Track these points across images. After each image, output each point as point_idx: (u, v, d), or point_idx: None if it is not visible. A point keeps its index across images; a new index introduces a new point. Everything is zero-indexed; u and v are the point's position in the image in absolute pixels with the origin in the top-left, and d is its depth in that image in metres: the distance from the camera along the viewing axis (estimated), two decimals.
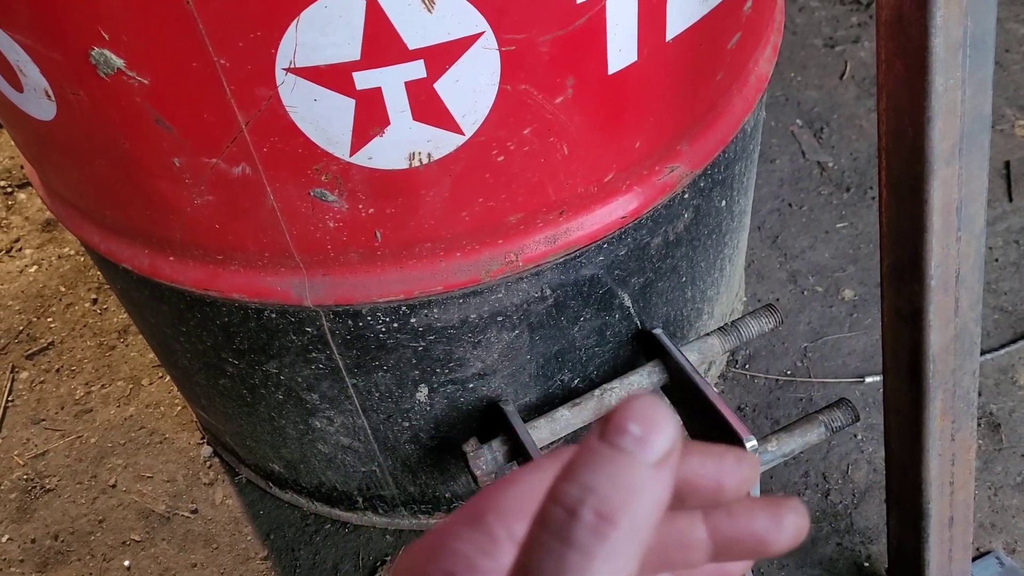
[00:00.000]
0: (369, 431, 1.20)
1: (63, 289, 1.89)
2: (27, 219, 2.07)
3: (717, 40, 0.95)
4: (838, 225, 1.81)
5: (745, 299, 1.69)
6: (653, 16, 0.83)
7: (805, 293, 1.69)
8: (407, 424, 1.18)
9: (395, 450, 1.24)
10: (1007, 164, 1.88)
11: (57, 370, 1.74)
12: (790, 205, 1.86)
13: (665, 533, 0.33)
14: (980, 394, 1.49)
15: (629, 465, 0.26)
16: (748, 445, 1.02)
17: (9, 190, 2.14)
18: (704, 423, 1.12)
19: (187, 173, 0.84)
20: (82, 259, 1.95)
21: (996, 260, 1.70)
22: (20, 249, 2.00)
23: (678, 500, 0.32)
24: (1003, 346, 1.56)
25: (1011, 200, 1.80)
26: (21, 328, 1.82)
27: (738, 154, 1.16)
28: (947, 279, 0.90)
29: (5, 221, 2.07)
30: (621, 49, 0.83)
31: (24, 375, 1.74)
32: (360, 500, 1.39)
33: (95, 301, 1.86)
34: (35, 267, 1.95)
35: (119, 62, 0.74)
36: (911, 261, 0.90)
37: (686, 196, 1.08)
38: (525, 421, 1.13)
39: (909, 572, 1.18)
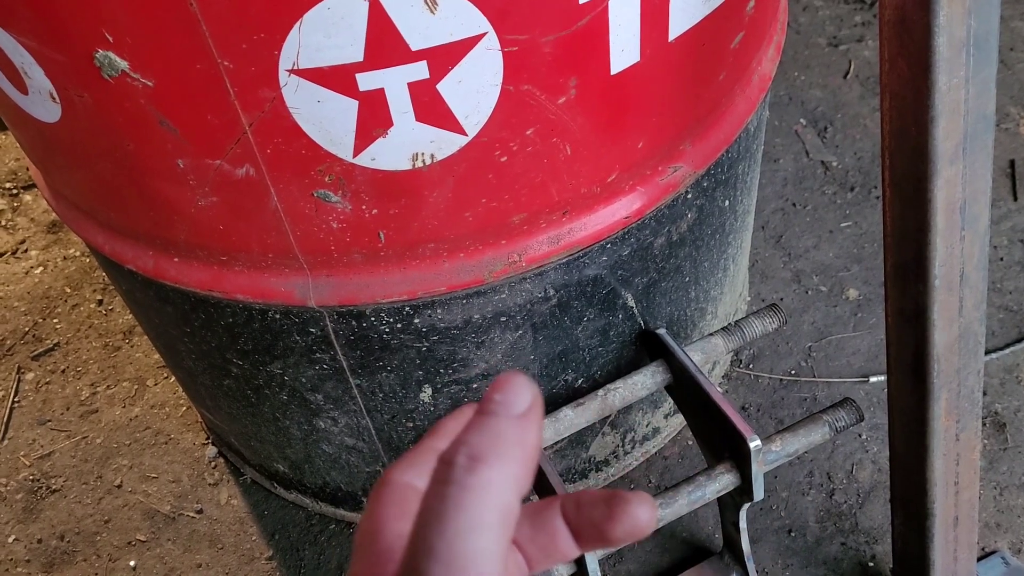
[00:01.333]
0: (373, 431, 1.20)
1: (69, 290, 1.90)
2: (33, 220, 2.07)
3: (720, 40, 0.95)
4: (842, 224, 1.81)
5: (749, 299, 1.69)
6: (656, 16, 0.83)
7: (809, 293, 1.69)
8: (411, 425, 1.18)
9: (399, 450, 1.24)
10: (1012, 163, 1.88)
11: (63, 371, 1.74)
12: (794, 205, 1.86)
13: (538, 525, 0.39)
14: (985, 393, 1.49)
15: (495, 421, 0.32)
16: (752, 445, 1.02)
17: (15, 192, 2.15)
18: (708, 423, 1.12)
19: (191, 175, 0.84)
20: (87, 260, 1.95)
21: (1001, 259, 1.70)
22: (26, 250, 2.00)
23: (584, 540, 0.38)
24: (1008, 345, 1.55)
25: (1016, 199, 1.80)
26: (27, 329, 1.83)
27: (741, 154, 1.16)
28: (951, 278, 0.90)
29: (11, 223, 2.07)
30: (624, 49, 0.83)
31: (30, 376, 1.74)
32: (365, 500, 1.39)
33: (100, 302, 1.87)
34: (41, 268, 1.96)
35: (123, 64, 0.74)
36: (915, 261, 0.90)
37: (689, 196, 1.08)
38: None
39: (914, 572, 1.17)
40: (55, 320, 1.84)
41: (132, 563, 1.44)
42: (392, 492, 0.38)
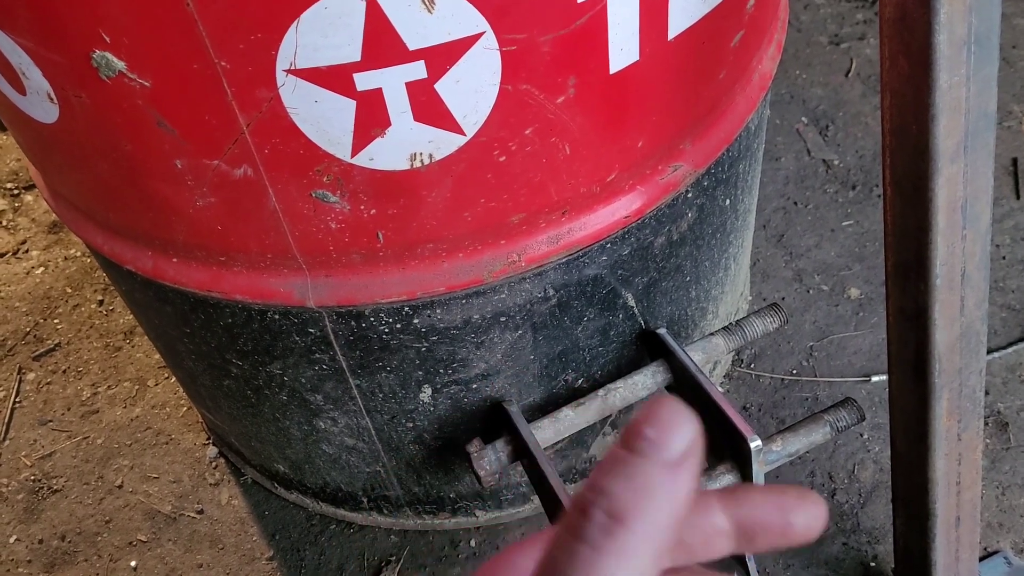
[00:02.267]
0: (373, 432, 1.20)
1: (69, 290, 1.90)
2: (34, 221, 2.07)
3: (719, 38, 0.95)
4: (844, 223, 1.80)
5: (750, 298, 1.69)
6: (655, 15, 0.83)
7: (811, 292, 1.69)
8: (411, 425, 1.18)
9: (399, 451, 1.24)
10: (1014, 161, 1.87)
11: (64, 371, 1.74)
12: (795, 203, 1.85)
13: (688, 525, 0.34)
14: (987, 393, 1.49)
15: (642, 467, 0.28)
16: (752, 445, 1.02)
17: (16, 192, 2.15)
18: (709, 423, 1.11)
19: (189, 175, 0.84)
20: (88, 261, 1.95)
21: (1003, 258, 1.69)
22: (27, 251, 2.00)
23: (747, 540, 0.34)
24: (1011, 344, 1.55)
25: (1018, 197, 1.80)
26: (28, 329, 1.83)
27: (742, 153, 1.16)
28: (952, 277, 0.90)
29: (12, 223, 2.07)
30: (623, 48, 0.83)
31: (31, 376, 1.74)
32: (365, 500, 1.39)
33: (101, 302, 1.87)
34: (42, 269, 1.96)
35: (120, 64, 0.74)
36: (916, 260, 0.90)
37: (689, 195, 1.08)
38: (529, 421, 1.13)
39: (915, 572, 1.17)
40: (56, 320, 1.84)
41: (133, 563, 1.44)
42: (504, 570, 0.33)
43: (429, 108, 0.78)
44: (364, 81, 0.75)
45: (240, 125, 0.78)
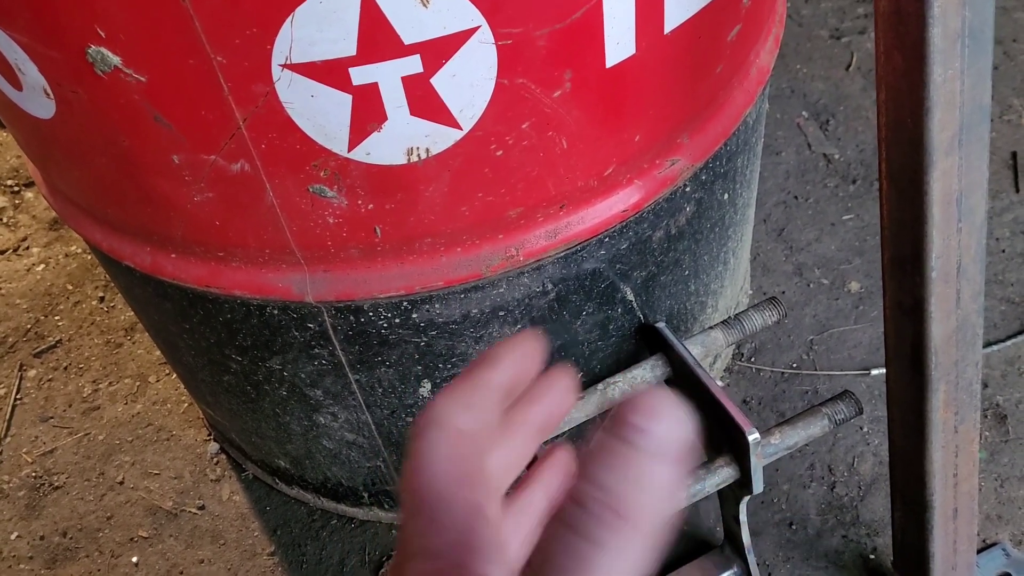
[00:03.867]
0: (373, 426, 1.20)
1: (70, 287, 1.90)
2: (34, 217, 2.08)
3: (716, 32, 0.95)
4: (844, 217, 1.80)
5: (751, 292, 1.69)
6: (651, 9, 0.83)
7: (811, 286, 1.69)
8: (411, 419, 1.18)
9: (399, 445, 1.24)
10: (1014, 155, 1.87)
11: (65, 368, 1.75)
12: (796, 197, 1.85)
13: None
14: (987, 385, 1.49)
15: (645, 463, 0.28)
16: (751, 438, 1.02)
17: (16, 189, 2.15)
18: (707, 417, 1.12)
19: (186, 170, 0.84)
20: (89, 257, 1.96)
21: (1003, 251, 1.69)
22: (27, 248, 2.01)
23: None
24: (1010, 337, 1.55)
25: (1018, 191, 1.79)
26: (29, 326, 1.83)
27: (740, 147, 1.16)
28: (948, 270, 0.90)
29: (12, 220, 2.08)
30: (619, 42, 0.83)
31: (32, 373, 1.75)
32: (366, 495, 1.39)
33: (102, 299, 1.87)
34: (42, 265, 1.96)
35: (116, 59, 0.74)
36: (912, 253, 0.90)
37: (688, 189, 1.08)
38: None
39: (914, 564, 1.17)
40: (57, 317, 1.85)
41: (134, 559, 1.45)
42: (446, 442, 0.32)
43: (425, 102, 0.78)
44: (360, 75, 0.75)
45: (236, 120, 0.78)
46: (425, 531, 0.31)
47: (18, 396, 1.71)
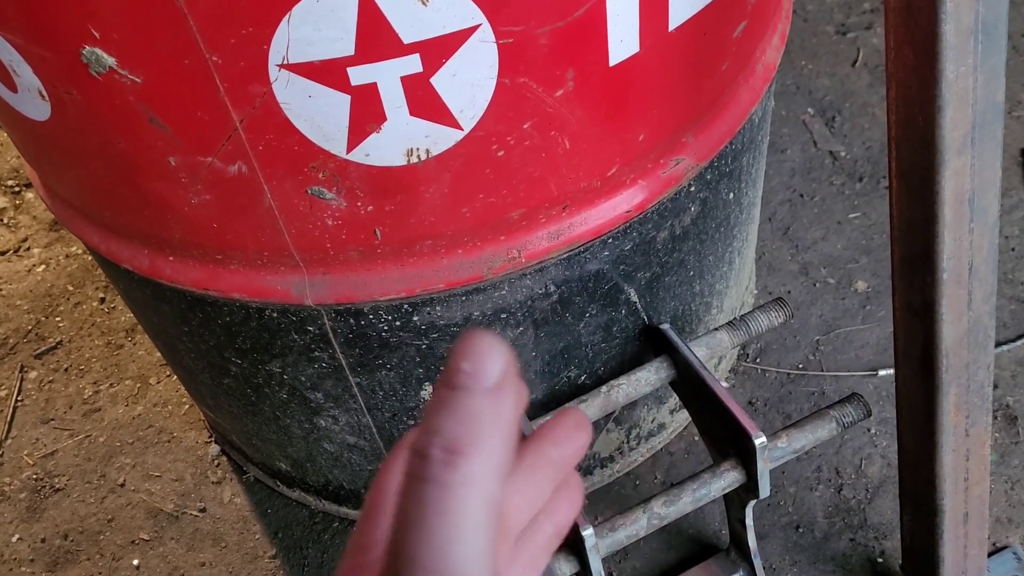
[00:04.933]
0: (375, 430, 1.19)
1: (71, 288, 1.89)
2: (35, 218, 2.06)
3: (722, 29, 0.93)
4: (851, 215, 1.78)
5: (756, 292, 1.67)
6: (655, 6, 0.81)
7: (817, 285, 1.67)
8: (412, 423, 1.17)
9: None
10: (1023, 151, 1.85)
11: (66, 369, 1.74)
12: (801, 196, 1.84)
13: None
14: (996, 386, 1.47)
15: (466, 399, 0.29)
16: (757, 442, 1.01)
17: (17, 189, 2.14)
18: (713, 419, 1.10)
19: (183, 172, 0.83)
20: (89, 258, 1.95)
21: (1012, 249, 1.67)
22: (28, 248, 2.00)
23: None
24: (1020, 337, 1.53)
25: None
26: (30, 327, 1.82)
27: (746, 145, 1.14)
28: (960, 271, 0.88)
29: (13, 220, 2.07)
30: (622, 40, 0.81)
31: (33, 375, 1.74)
32: None
33: (103, 300, 1.86)
34: (43, 266, 1.95)
35: (110, 60, 0.73)
36: (923, 253, 0.88)
37: (692, 189, 1.06)
38: (531, 419, 1.11)
39: (923, 568, 1.16)
40: (58, 318, 1.83)
41: (135, 562, 1.44)
42: (405, 458, 0.33)
43: (425, 102, 0.77)
44: (358, 75, 0.73)
45: (233, 121, 0.77)
46: (361, 530, 0.34)
47: (19, 398, 1.70)
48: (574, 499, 0.39)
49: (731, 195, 1.17)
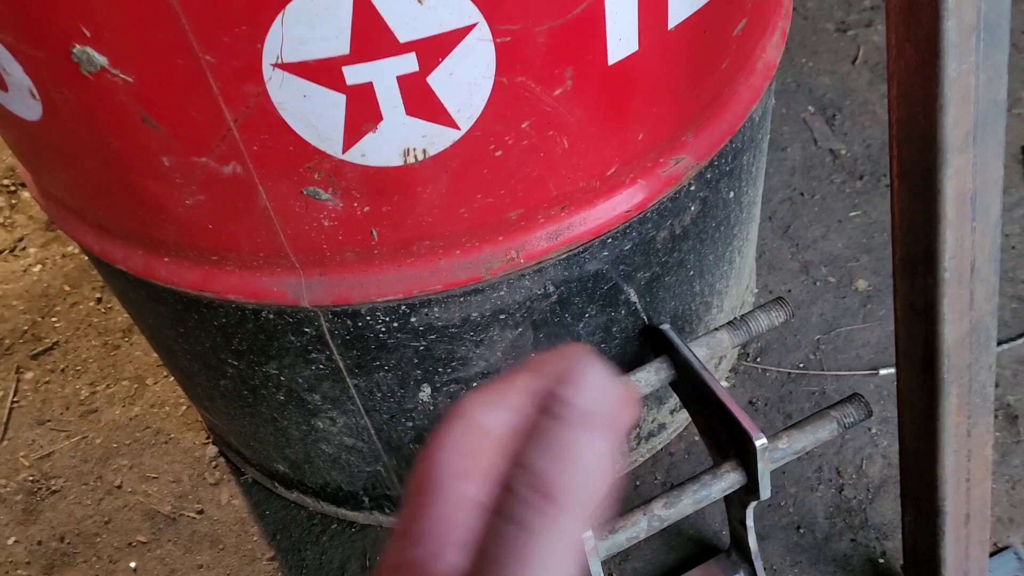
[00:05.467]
0: (372, 431, 1.18)
1: (67, 288, 1.88)
2: (31, 218, 2.05)
3: (721, 27, 0.92)
4: (851, 214, 1.78)
5: (756, 291, 1.67)
6: (654, 4, 0.80)
7: (818, 284, 1.66)
8: (410, 424, 1.16)
9: (399, 450, 1.22)
10: None
11: (62, 370, 1.73)
12: (802, 194, 1.83)
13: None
14: (997, 385, 1.46)
15: (570, 436, 0.26)
16: (758, 444, 1.00)
17: (12, 189, 2.13)
18: (713, 420, 1.09)
19: (177, 173, 0.82)
20: (86, 258, 1.94)
21: (1013, 248, 1.66)
22: (24, 248, 1.99)
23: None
24: (1020, 335, 1.52)
25: None
26: (26, 328, 1.81)
27: (746, 144, 1.14)
28: (961, 271, 0.87)
29: (9, 220, 2.06)
30: (621, 38, 0.80)
31: (29, 375, 1.73)
32: (366, 500, 1.37)
33: (99, 300, 1.85)
34: (39, 266, 1.94)
35: (102, 60, 0.72)
36: (924, 253, 0.87)
37: (692, 188, 1.05)
38: None
39: (925, 569, 1.15)
40: (54, 319, 1.83)
41: (132, 564, 1.43)
42: (463, 435, 0.31)
43: (421, 102, 0.76)
44: (354, 75, 0.72)
45: (227, 121, 0.76)
46: (413, 515, 0.30)
47: (15, 399, 1.69)
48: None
49: (731, 194, 1.16)
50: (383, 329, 1.00)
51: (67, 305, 1.85)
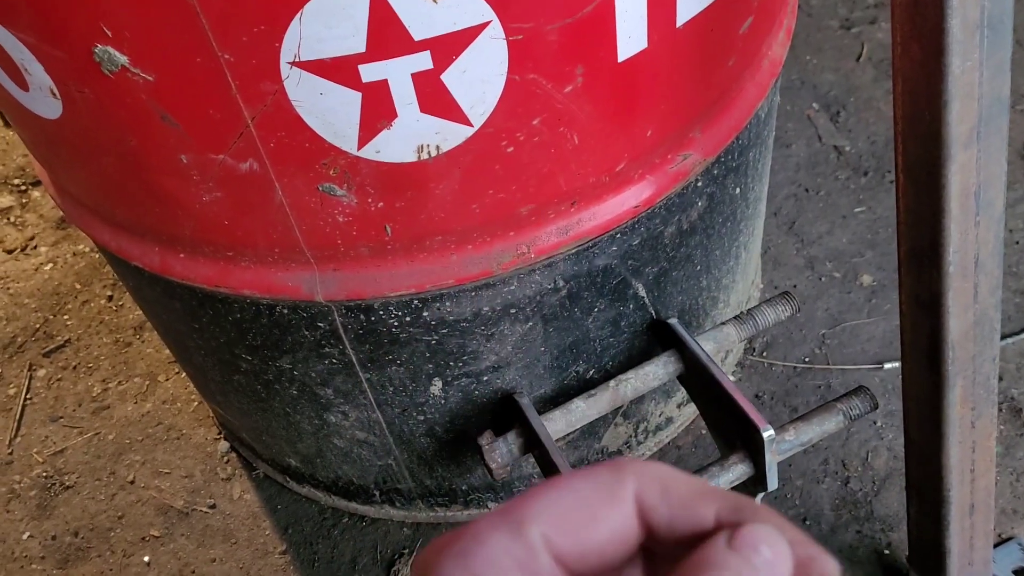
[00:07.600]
0: (384, 425, 1.20)
1: (79, 286, 1.90)
2: (42, 217, 2.07)
3: (728, 25, 0.94)
4: (856, 210, 1.79)
5: (762, 286, 1.68)
6: (663, 2, 0.82)
7: (823, 279, 1.68)
8: (422, 418, 1.17)
9: (410, 444, 1.23)
10: None
11: (74, 367, 1.75)
12: (807, 190, 1.84)
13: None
14: (1001, 378, 1.47)
15: None
16: (765, 435, 1.01)
17: (24, 188, 2.15)
18: (721, 413, 1.11)
19: (195, 170, 0.84)
20: (97, 256, 1.95)
21: (1017, 243, 1.68)
22: (35, 247, 2.00)
23: None
24: None
25: None
26: (38, 326, 1.83)
27: (752, 140, 1.15)
28: (966, 265, 0.89)
29: (20, 219, 2.08)
30: (631, 36, 0.82)
31: (41, 373, 1.74)
32: (377, 493, 1.39)
33: (111, 298, 1.87)
34: (50, 265, 1.96)
35: (123, 59, 0.73)
36: (929, 247, 0.88)
37: (699, 184, 1.07)
38: (540, 413, 1.12)
39: (930, 560, 1.16)
40: (65, 317, 1.84)
41: (146, 559, 1.45)
42: None
43: (435, 99, 0.77)
44: (369, 73, 0.74)
45: (245, 119, 0.77)
46: None
47: (28, 396, 1.71)
48: None
49: (737, 190, 1.17)
50: (395, 323, 1.01)
51: (78, 303, 1.87)
